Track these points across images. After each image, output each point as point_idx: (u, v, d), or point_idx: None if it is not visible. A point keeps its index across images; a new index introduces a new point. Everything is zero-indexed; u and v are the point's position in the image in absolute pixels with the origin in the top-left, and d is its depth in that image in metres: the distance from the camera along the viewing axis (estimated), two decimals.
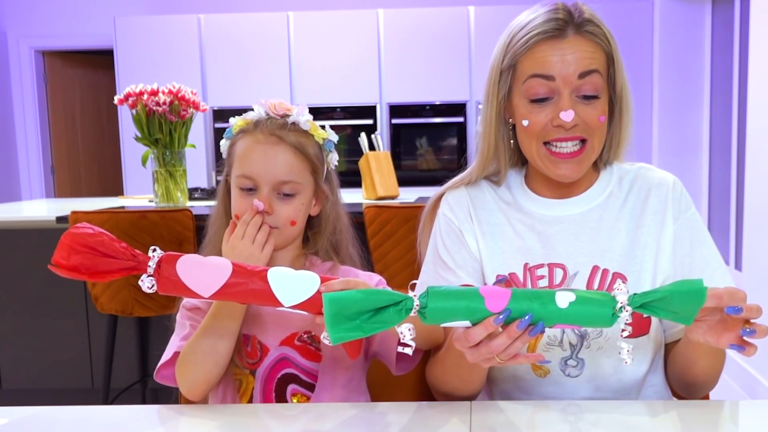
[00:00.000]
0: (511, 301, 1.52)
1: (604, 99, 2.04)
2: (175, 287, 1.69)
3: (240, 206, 2.12)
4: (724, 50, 8.00)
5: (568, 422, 1.76)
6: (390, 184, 5.43)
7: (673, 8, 8.56)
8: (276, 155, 2.12)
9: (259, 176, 2.10)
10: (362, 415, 1.91)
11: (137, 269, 1.69)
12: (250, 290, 1.70)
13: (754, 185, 5.74)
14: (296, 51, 9.34)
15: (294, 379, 2.16)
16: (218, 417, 1.93)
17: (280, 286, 1.70)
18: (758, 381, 5.61)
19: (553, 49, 1.99)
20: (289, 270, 1.74)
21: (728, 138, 7.76)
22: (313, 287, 1.70)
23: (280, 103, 2.18)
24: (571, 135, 2.01)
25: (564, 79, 1.98)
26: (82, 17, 10.41)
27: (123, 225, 4.14)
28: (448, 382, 2.07)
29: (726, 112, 7.91)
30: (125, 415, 1.95)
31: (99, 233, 1.68)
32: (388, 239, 4.24)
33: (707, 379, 2.03)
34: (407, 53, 9.28)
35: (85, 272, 1.65)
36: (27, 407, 1.99)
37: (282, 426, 1.86)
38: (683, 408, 1.93)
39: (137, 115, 4.89)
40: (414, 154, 9.41)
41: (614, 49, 2.07)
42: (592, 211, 2.19)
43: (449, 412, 1.91)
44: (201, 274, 1.69)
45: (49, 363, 5.42)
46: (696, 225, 2.16)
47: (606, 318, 1.53)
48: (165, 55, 9.41)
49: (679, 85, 8.64)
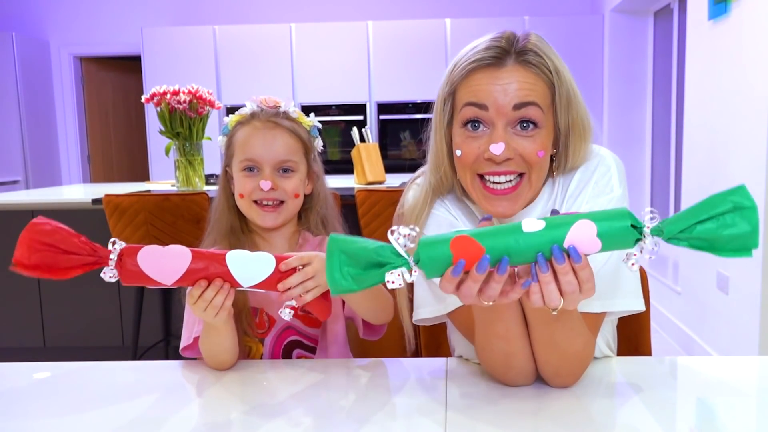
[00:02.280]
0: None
1: (545, 132, 1.76)
2: (138, 278, 1.64)
3: (245, 186, 2.11)
4: (664, 56, 8.00)
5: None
6: (378, 171, 5.43)
7: (620, 20, 8.56)
8: (275, 138, 2.13)
9: (262, 157, 2.10)
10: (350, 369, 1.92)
11: (98, 263, 1.61)
12: (211, 274, 1.67)
13: (689, 172, 5.75)
14: (297, 57, 9.31)
15: (299, 344, 2.17)
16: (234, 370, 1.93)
17: (238, 269, 1.68)
18: (694, 340, 5.62)
19: (489, 78, 1.73)
20: (246, 252, 1.72)
21: (668, 132, 7.77)
22: (270, 267, 1.69)
23: (269, 98, 2.19)
24: (504, 169, 1.75)
25: (498, 110, 1.71)
26: (115, 28, 10.40)
27: (149, 206, 4.13)
28: (490, 351, 1.74)
29: (666, 110, 7.92)
30: (151, 369, 1.94)
31: (57, 229, 1.58)
32: (376, 218, 4.26)
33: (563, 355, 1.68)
34: (393, 58, 9.26)
35: (46, 270, 1.56)
36: (66, 362, 1.99)
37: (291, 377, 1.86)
38: (625, 363, 1.92)
39: (161, 112, 4.89)
40: (399, 146, 9.40)
41: (560, 83, 1.77)
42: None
43: None
44: (162, 263, 1.64)
45: (85, 324, 5.42)
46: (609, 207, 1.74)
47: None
48: (185, 60, 9.38)
49: (626, 86, 8.64)
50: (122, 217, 4.18)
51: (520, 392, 1.70)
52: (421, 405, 1.65)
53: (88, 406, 1.67)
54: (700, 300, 5.50)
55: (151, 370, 1.94)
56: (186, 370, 1.92)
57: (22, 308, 5.49)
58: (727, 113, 4.88)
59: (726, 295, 4.92)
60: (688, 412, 1.61)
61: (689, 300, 5.84)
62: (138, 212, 4.15)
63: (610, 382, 1.77)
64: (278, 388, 1.78)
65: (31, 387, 1.82)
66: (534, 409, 1.59)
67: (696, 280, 5.63)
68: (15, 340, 5.52)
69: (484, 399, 1.67)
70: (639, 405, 1.59)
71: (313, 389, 1.76)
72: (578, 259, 1.34)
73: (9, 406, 1.67)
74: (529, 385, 1.74)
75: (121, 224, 4.20)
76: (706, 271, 5.33)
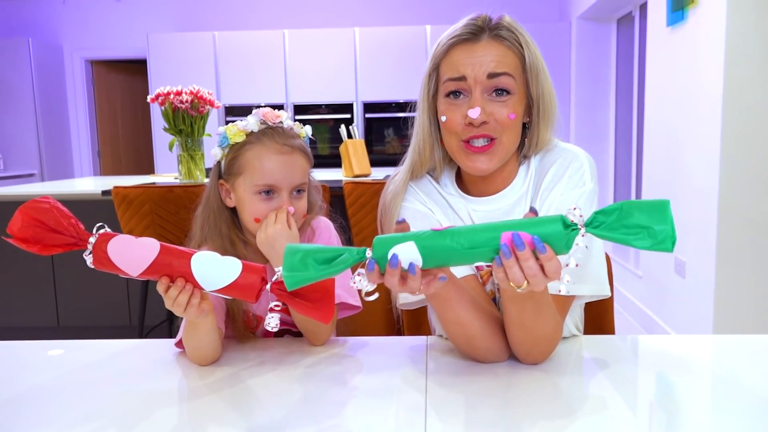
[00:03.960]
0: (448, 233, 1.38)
1: (517, 98, 1.83)
2: (107, 266, 1.56)
3: (262, 210, 1.98)
4: (626, 60, 8.01)
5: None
6: (364, 165, 5.43)
7: (586, 27, 8.56)
8: (294, 163, 2.01)
9: (281, 183, 1.98)
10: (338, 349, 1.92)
11: (77, 245, 1.57)
12: (174, 272, 1.57)
13: (649, 166, 5.77)
14: (290, 60, 9.29)
15: (287, 331, 2.13)
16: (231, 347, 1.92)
17: (201, 271, 1.56)
18: (654, 320, 5.64)
19: (467, 52, 1.82)
20: (214, 255, 1.59)
21: (629, 129, 7.78)
22: (234, 273, 1.54)
23: (271, 112, 2.05)
24: (481, 132, 1.81)
25: (474, 79, 1.79)
26: (123, 34, 10.40)
27: (154, 196, 4.12)
28: (452, 332, 1.75)
29: (628, 109, 7.92)
30: (156, 346, 1.94)
31: (50, 208, 1.55)
32: (362, 208, 4.26)
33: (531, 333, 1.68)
34: (378, 62, 9.24)
35: (33, 244, 1.53)
36: (78, 340, 1.98)
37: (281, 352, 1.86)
38: (591, 342, 1.93)
39: (165, 111, 4.89)
40: (383, 142, 9.38)
41: (531, 55, 1.84)
42: (514, 205, 1.96)
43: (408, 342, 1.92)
44: (129, 254, 1.55)
45: (96, 305, 5.41)
46: (578, 203, 1.85)
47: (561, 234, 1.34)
48: (187, 64, 9.36)
49: (591, 88, 8.65)
50: (129, 207, 4.17)
51: (493, 367, 1.70)
52: (404, 376, 1.65)
53: (98, 380, 1.67)
54: (660, 283, 5.52)
55: (157, 347, 1.93)
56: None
57: (38, 290, 5.48)
58: (684, 112, 4.89)
59: (683, 278, 4.94)
60: (649, 386, 1.61)
61: (649, 283, 5.86)
62: (144, 203, 4.14)
63: (577, 358, 1.77)
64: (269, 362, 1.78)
65: (45, 363, 1.82)
66: (506, 382, 1.59)
67: (655, 265, 5.65)
68: (31, 320, 5.51)
69: (460, 372, 1.68)
70: (604, 380, 1.59)
71: (302, 364, 1.76)
72: (542, 250, 1.34)
73: (25, 381, 1.67)
74: (502, 362, 1.74)
75: (129, 214, 4.18)
76: (665, 257, 5.35)
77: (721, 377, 1.62)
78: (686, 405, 1.47)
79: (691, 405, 1.47)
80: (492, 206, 1.97)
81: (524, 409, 1.43)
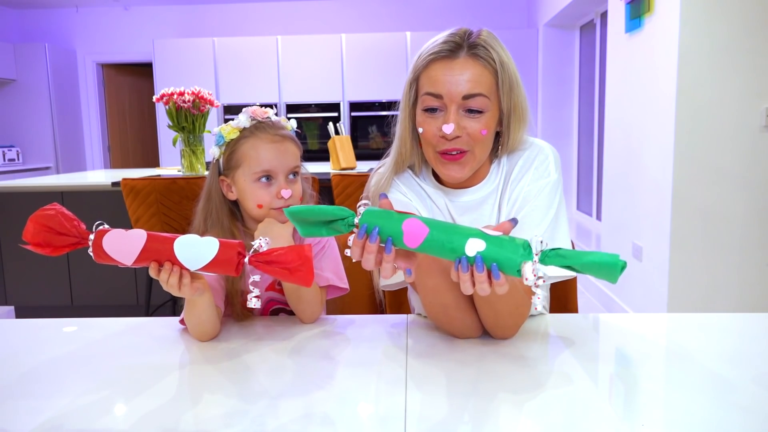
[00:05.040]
0: (424, 242, 1.39)
1: (490, 114, 1.80)
2: (105, 258, 1.58)
3: (262, 196, 1.98)
4: (588, 63, 8.03)
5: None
6: (350, 159, 5.42)
7: (552, 33, 8.57)
8: (286, 149, 2.01)
9: (277, 168, 1.98)
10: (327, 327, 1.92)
11: (81, 244, 1.59)
12: (161, 257, 1.57)
13: (609, 160, 5.78)
14: (283, 63, 9.28)
15: (282, 310, 2.12)
16: (230, 325, 1.92)
17: (183, 252, 1.56)
18: (614, 300, 5.65)
19: (445, 68, 1.78)
20: (194, 237, 1.59)
21: (591, 126, 7.81)
22: (213, 251, 1.55)
23: (259, 109, 2.05)
24: (453, 146, 1.80)
25: (450, 98, 1.76)
26: (130, 40, 10.42)
27: (159, 187, 4.11)
28: (428, 305, 1.76)
29: (589, 108, 7.96)
30: (161, 324, 1.93)
31: (56, 214, 1.57)
32: (348, 198, 4.26)
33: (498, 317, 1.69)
34: (362, 65, 9.24)
35: (45, 247, 1.57)
36: (90, 318, 1.97)
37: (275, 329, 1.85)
38: (556, 319, 1.93)
39: (169, 109, 4.88)
40: (367, 138, 9.37)
41: (504, 72, 1.80)
42: (486, 197, 1.96)
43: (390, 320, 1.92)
44: (122, 245, 1.57)
45: (106, 286, 5.40)
46: (543, 192, 1.88)
47: (514, 264, 1.35)
48: (189, 67, 9.34)
49: (557, 88, 8.67)
50: (137, 197, 4.17)
51: (467, 342, 1.70)
52: (386, 351, 1.66)
53: (108, 354, 1.67)
54: None
55: (161, 324, 1.92)
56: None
57: (53, 272, 5.45)
58: (641, 110, 4.90)
59: (640, 262, 4.95)
60: (609, 360, 1.61)
61: None
62: (150, 193, 4.13)
63: (543, 335, 1.77)
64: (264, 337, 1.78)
65: (60, 339, 1.81)
66: (479, 355, 1.59)
67: (615, 249, 5.66)
68: (46, 299, 5.48)
69: (437, 347, 1.68)
70: (568, 355, 1.59)
71: (295, 340, 1.76)
72: (497, 276, 1.36)
73: (42, 355, 1.67)
74: (476, 337, 1.74)
75: (136, 203, 4.18)
76: (624, 242, 5.36)
77: (675, 352, 1.62)
78: (643, 378, 1.47)
79: (647, 378, 1.47)
80: (467, 198, 1.97)
81: (496, 383, 1.43)
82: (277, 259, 1.53)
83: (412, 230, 1.40)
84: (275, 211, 2.00)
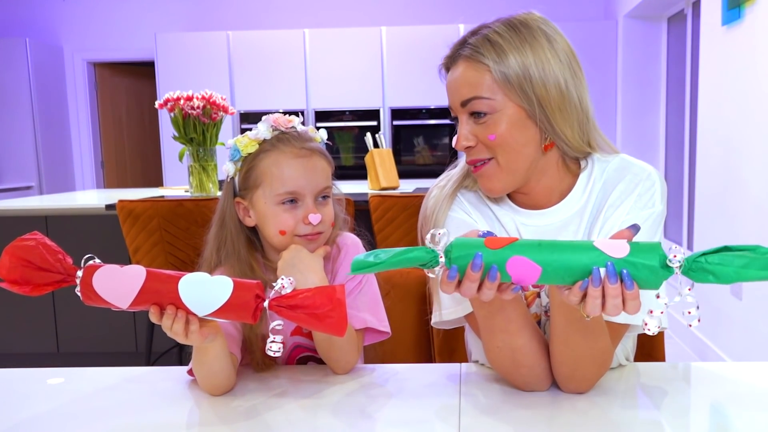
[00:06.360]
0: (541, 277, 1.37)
1: (498, 115, 1.79)
2: (96, 300, 1.55)
3: (287, 221, 1.95)
4: (677, 61, 7.99)
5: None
6: (391, 177, 5.44)
7: (634, 26, 8.55)
8: (314, 166, 1.98)
9: (304, 188, 1.95)
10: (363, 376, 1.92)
11: (66, 282, 1.57)
12: (164, 299, 1.54)
13: (703, 177, 5.75)
14: (311, 62, 9.33)
15: (310, 358, 2.09)
16: (248, 375, 1.92)
17: (189, 296, 1.52)
18: (708, 346, 5.62)
19: (448, 80, 1.88)
20: (203, 276, 1.56)
21: (681, 137, 7.75)
22: (225, 294, 1.51)
23: (282, 117, 2.02)
24: (472, 157, 1.86)
25: (456, 108, 1.86)
26: (128, 34, 10.48)
27: (162, 211, 4.14)
28: (495, 349, 1.74)
29: (679, 115, 7.91)
30: (164, 375, 1.94)
31: (36, 245, 1.54)
32: (389, 224, 4.26)
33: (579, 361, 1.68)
34: (406, 64, 9.27)
35: (24, 285, 1.54)
36: (80, 368, 1.99)
37: (304, 381, 1.86)
38: (638, 368, 1.92)
39: (175, 117, 4.91)
40: (412, 151, 9.37)
41: (505, 64, 1.77)
42: (567, 222, 1.92)
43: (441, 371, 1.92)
44: (115, 284, 1.53)
45: (99, 330, 5.43)
46: (645, 225, 1.83)
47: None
48: (198, 66, 9.41)
49: (639, 91, 8.64)
50: (136, 223, 4.19)
51: (534, 397, 1.69)
52: (436, 410, 1.64)
53: (101, 411, 1.68)
54: (714, 305, 5.49)
55: (165, 375, 1.93)
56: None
57: (36, 314, 5.50)
58: (741, 118, 4.87)
59: (740, 300, 4.92)
60: (703, 416, 1.61)
61: (703, 305, 5.82)
62: (152, 218, 4.15)
63: (625, 387, 1.76)
64: (290, 391, 1.78)
65: (44, 392, 1.82)
66: (549, 415, 1.59)
67: (709, 286, 5.63)
68: (29, 346, 5.53)
69: (497, 404, 1.67)
70: (654, 410, 1.59)
71: (326, 394, 1.76)
72: (630, 286, 1.34)
73: (22, 412, 1.68)
74: (544, 390, 1.74)
75: (135, 230, 4.20)
76: None
77: None
78: None
79: None
80: (542, 221, 1.94)
81: None
82: (302, 303, 1.49)
83: (520, 274, 1.38)
84: (301, 238, 1.97)
